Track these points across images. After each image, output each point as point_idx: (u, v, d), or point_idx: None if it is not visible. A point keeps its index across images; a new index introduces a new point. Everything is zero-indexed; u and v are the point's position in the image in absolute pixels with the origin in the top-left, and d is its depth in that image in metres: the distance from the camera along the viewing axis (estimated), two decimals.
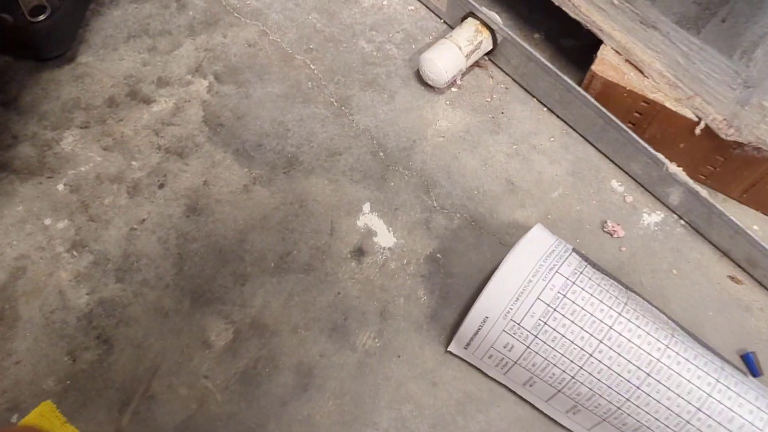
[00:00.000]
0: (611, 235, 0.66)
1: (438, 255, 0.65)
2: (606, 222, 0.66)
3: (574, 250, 0.56)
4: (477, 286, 0.64)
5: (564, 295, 0.52)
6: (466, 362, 0.61)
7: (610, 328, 0.51)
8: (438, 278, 0.64)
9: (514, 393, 0.60)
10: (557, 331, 0.52)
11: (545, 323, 0.52)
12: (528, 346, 0.53)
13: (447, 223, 0.66)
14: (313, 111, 0.71)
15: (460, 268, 0.64)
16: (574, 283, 0.53)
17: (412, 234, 0.66)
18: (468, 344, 0.57)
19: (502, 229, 0.66)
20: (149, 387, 0.57)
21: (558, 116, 0.72)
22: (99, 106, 0.69)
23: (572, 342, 0.52)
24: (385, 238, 0.65)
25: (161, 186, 0.66)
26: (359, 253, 0.64)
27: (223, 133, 0.69)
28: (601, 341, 0.51)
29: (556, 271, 0.53)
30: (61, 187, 0.65)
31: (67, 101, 0.69)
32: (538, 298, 0.52)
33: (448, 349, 0.60)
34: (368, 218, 0.66)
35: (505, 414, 0.59)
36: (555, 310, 0.52)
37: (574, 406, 0.55)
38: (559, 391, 0.54)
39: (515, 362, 0.55)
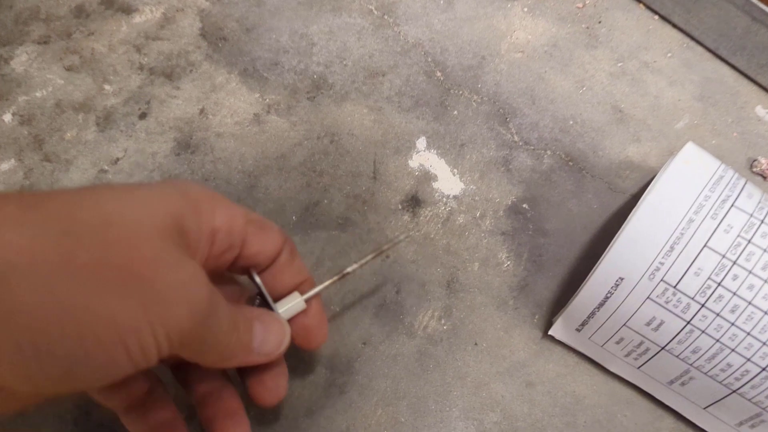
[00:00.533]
0: (764, 177, 0.47)
1: (524, 205, 0.46)
2: (756, 160, 0.48)
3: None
4: (582, 247, 0.45)
5: (748, 241, 0.34)
6: (576, 352, 0.42)
7: None
8: (526, 236, 0.45)
9: (650, 396, 0.41)
10: (740, 296, 0.33)
11: (719, 284, 0.33)
12: (689, 322, 0.34)
13: (534, 164, 0.48)
14: (346, 21, 0.53)
15: (556, 223, 0.46)
16: (762, 221, 0.34)
17: (485, 178, 0.47)
18: (583, 324, 0.39)
19: (611, 170, 0.48)
20: None
21: (674, 25, 0.53)
22: (63, 17, 0.52)
23: (765, 312, 0.33)
24: (448, 183, 0.47)
25: (143, 116, 0.48)
26: (414, 202, 0.46)
27: (226, 49, 0.51)
28: None
29: (732, 205, 0.34)
30: (8, 117, 0.48)
31: (23, 11, 0.52)
32: (705, 245, 0.34)
33: (550, 333, 0.41)
34: (424, 157, 0.48)
35: (635, 428, 0.40)
36: (735, 263, 0.33)
37: (758, 415, 0.36)
38: (735, 391, 0.35)
39: (662, 348, 0.36)
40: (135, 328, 0.22)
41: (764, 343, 0.33)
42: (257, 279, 0.32)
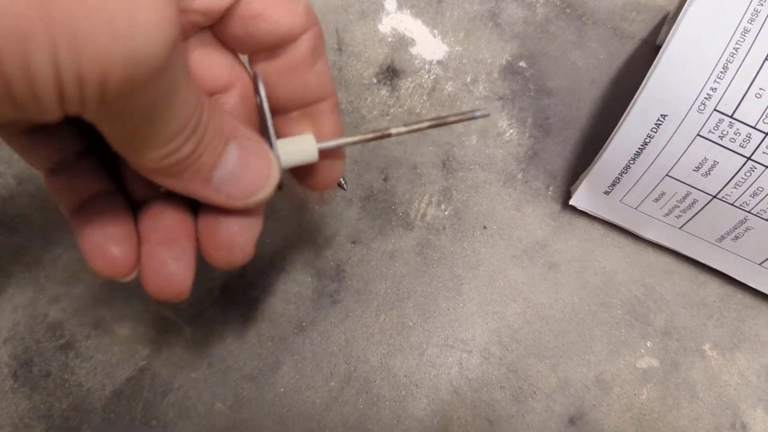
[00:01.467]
0: None
1: (521, 63, 0.39)
2: None
3: None
4: (593, 104, 0.39)
5: None
6: (602, 222, 0.36)
7: None
8: (527, 99, 0.39)
9: (691, 262, 0.35)
10: None
11: None
12: (749, 158, 0.28)
13: (526, 14, 0.40)
14: None
15: (559, 80, 0.39)
16: None
17: (472, 36, 0.40)
18: (614, 184, 0.32)
19: (614, 13, 0.41)
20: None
21: None
22: None
23: None
24: (429, 46, 0.39)
25: None
26: (391, 74, 0.39)
27: None
28: None
29: None
30: None
31: None
32: None
33: (571, 203, 0.35)
34: (396, 19, 0.40)
35: (678, 299, 0.35)
36: None
37: None
38: None
39: (714, 196, 0.30)
40: (17, 26, 0.13)
41: None
42: (261, 86, 0.22)
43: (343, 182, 0.34)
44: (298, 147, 0.22)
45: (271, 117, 0.21)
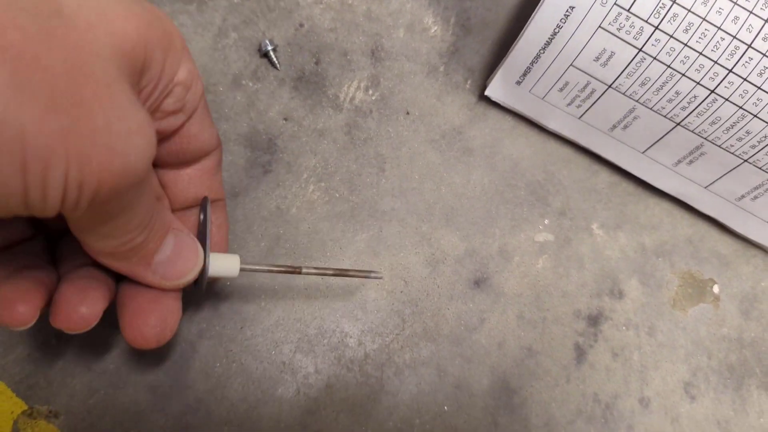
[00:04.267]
0: None
1: None
2: None
3: None
4: (510, 9, 0.42)
5: None
6: (512, 114, 0.40)
7: None
8: (451, 0, 0.41)
9: (587, 153, 0.40)
10: (694, 13, 0.31)
11: (674, 2, 0.31)
12: (640, 49, 0.32)
13: None
14: None
15: None
16: None
17: None
18: (525, 74, 0.36)
19: None
20: None
21: None
22: None
23: (719, 28, 0.31)
24: None
25: None
26: None
27: None
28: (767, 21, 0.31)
29: None
30: None
31: None
32: None
33: (486, 93, 0.38)
34: None
35: (573, 184, 0.39)
36: None
37: (699, 147, 0.35)
38: (678, 124, 0.34)
39: (609, 86, 0.34)
40: (44, 152, 0.16)
41: (715, 62, 0.32)
42: (208, 206, 0.27)
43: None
44: (227, 263, 0.27)
45: (209, 233, 0.27)
